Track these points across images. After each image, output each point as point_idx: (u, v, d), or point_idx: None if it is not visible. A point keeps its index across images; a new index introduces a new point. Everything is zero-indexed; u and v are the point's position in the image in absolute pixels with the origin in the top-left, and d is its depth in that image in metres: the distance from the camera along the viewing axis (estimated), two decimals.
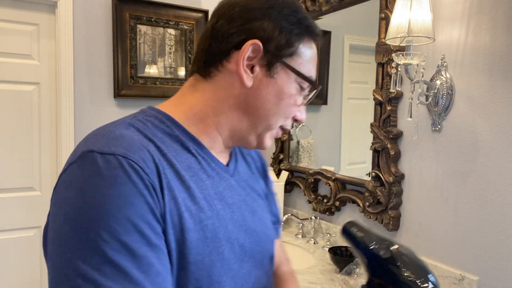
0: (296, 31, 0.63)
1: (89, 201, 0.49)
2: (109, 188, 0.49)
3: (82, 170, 0.51)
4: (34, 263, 2.15)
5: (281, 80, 0.63)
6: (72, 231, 0.49)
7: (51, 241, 0.51)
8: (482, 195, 1.22)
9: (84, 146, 0.54)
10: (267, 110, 0.64)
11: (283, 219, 1.88)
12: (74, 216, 0.49)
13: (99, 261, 0.47)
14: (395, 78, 1.36)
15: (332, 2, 1.75)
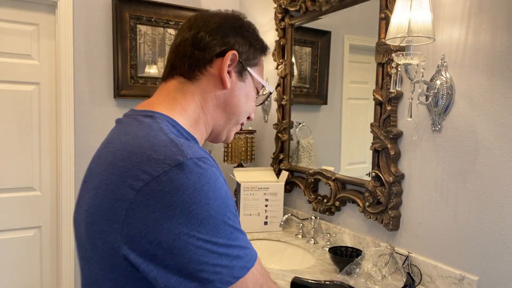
0: (259, 47, 0.81)
1: (209, 194, 0.61)
2: (216, 181, 0.63)
3: (189, 175, 0.60)
4: (34, 263, 2.16)
5: (249, 84, 0.80)
6: (201, 222, 0.60)
7: (170, 238, 0.58)
8: (482, 195, 1.22)
9: (168, 156, 0.61)
10: (239, 108, 0.80)
11: (283, 219, 1.87)
12: (199, 209, 0.60)
13: (229, 230, 0.63)
14: (395, 78, 1.36)
15: (332, 2, 1.75)
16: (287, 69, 2.11)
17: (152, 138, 0.65)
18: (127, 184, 0.61)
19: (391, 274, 1.38)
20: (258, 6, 2.45)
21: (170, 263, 0.59)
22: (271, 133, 2.32)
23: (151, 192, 0.59)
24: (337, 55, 1.86)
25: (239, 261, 0.63)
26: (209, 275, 0.60)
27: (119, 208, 0.60)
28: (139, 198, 0.59)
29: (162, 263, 0.59)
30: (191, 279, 0.60)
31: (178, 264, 0.59)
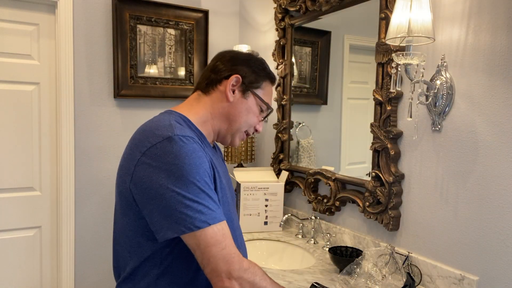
0: (262, 74, 1.08)
1: (184, 160, 0.87)
2: (193, 153, 0.89)
3: (173, 145, 0.88)
4: (34, 263, 2.16)
5: (250, 101, 1.06)
6: (177, 179, 0.86)
7: (155, 187, 0.86)
8: (482, 195, 1.22)
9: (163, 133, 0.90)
10: (240, 117, 1.05)
11: (283, 219, 1.87)
12: (176, 169, 0.86)
13: (197, 190, 0.87)
14: (395, 78, 1.36)
15: (332, 2, 1.75)
16: (287, 69, 2.11)
17: (159, 123, 0.94)
18: (138, 149, 0.91)
19: (391, 274, 1.38)
20: (258, 6, 2.45)
21: (154, 204, 0.87)
22: (271, 133, 2.32)
23: (149, 154, 0.89)
24: (337, 55, 1.86)
25: (201, 215, 0.86)
26: (176, 219, 0.85)
27: (131, 164, 0.91)
28: (142, 158, 0.89)
29: (149, 202, 0.88)
30: (164, 219, 0.86)
31: (158, 206, 0.87)
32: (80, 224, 2.19)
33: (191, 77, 2.47)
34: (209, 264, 0.87)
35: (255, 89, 1.06)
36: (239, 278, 0.88)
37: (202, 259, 0.87)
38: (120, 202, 0.96)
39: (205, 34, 2.48)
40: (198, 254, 0.87)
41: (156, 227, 0.88)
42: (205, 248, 0.86)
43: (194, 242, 0.87)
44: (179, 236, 0.86)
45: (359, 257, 1.44)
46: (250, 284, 0.90)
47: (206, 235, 0.86)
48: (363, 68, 1.70)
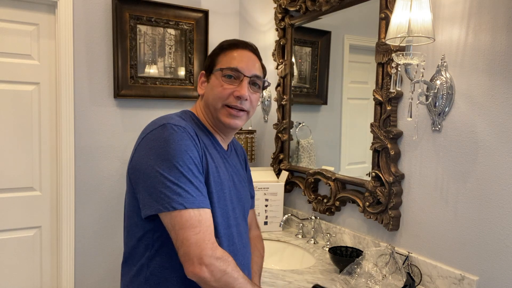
0: (214, 53, 1.11)
1: (171, 145, 0.93)
2: (181, 140, 0.95)
3: (165, 131, 0.95)
4: (34, 263, 2.16)
5: (212, 80, 1.08)
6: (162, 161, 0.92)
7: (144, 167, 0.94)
8: (482, 195, 1.22)
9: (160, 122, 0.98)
10: (209, 98, 1.07)
11: (283, 219, 1.87)
12: (163, 153, 0.93)
13: (178, 174, 0.92)
14: (395, 78, 1.36)
15: (332, 2, 1.75)
16: (287, 69, 2.11)
17: (166, 115, 1.03)
18: (140, 137, 1.01)
19: (392, 274, 1.38)
20: (258, 6, 2.45)
21: (142, 182, 0.94)
22: (271, 133, 2.32)
23: (146, 139, 0.98)
24: (337, 55, 1.86)
25: (178, 197, 0.90)
26: (156, 198, 0.91)
27: (135, 148, 1.01)
28: (141, 142, 0.99)
29: (139, 181, 0.96)
30: (147, 197, 0.93)
31: (144, 184, 0.94)
32: (80, 224, 2.19)
33: (191, 77, 2.47)
34: (182, 247, 0.89)
35: (213, 69, 1.08)
36: (210, 265, 0.88)
37: (176, 241, 0.90)
38: (126, 185, 1.05)
39: (205, 34, 2.48)
40: (173, 235, 0.91)
41: (141, 204, 0.95)
42: (179, 230, 0.89)
43: (169, 222, 0.91)
44: (157, 214, 0.92)
45: (359, 257, 1.44)
46: (221, 273, 0.90)
47: (181, 217, 0.89)
48: (363, 68, 1.70)
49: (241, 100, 1.04)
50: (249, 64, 1.06)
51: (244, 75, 1.04)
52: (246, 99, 1.04)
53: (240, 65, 1.05)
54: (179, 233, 0.89)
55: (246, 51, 1.09)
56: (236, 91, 1.03)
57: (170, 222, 0.90)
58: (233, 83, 1.04)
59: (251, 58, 1.08)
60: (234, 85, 1.04)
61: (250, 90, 1.06)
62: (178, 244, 0.90)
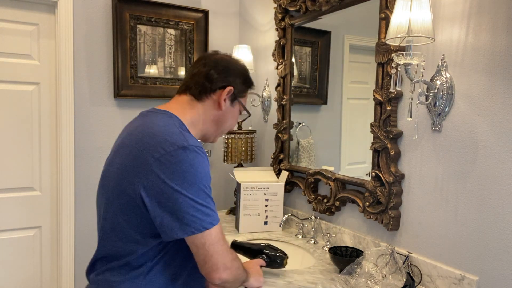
0: (248, 84, 1.20)
1: (197, 169, 0.96)
2: (203, 163, 0.98)
3: (188, 154, 0.96)
4: (34, 263, 2.16)
5: (236, 108, 1.18)
6: (189, 185, 0.95)
7: (169, 191, 0.94)
8: (482, 195, 1.22)
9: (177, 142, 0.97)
10: (226, 123, 1.18)
11: (283, 219, 1.87)
12: (190, 177, 0.95)
13: (205, 196, 0.97)
14: (395, 78, 1.36)
15: (332, 2, 1.75)
16: (287, 69, 2.11)
17: (168, 128, 1.01)
18: (149, 154, 0.96)
19: (392, 274, 1.38)
20: (258, 6, 2.45)
21: (167, 207, 0.94)
22: (271, 133, 2.32)
23: (164, 160, 0.95)
24: (337, 55, 1.86)
25: (208, 217, 0.97)
26: (188, 221, 0.95)
27: (142, 168, 0.96)
28: (156, 163, 0.95)
29: (162, 206, 0.95)
30: (177, 220, 0.95)
31: (171, 208, 0.94)
32: (80, 224, 2.19)
33: None
34: (211, 259, 0.97)
35: (241, 98, 1.18)
36: (232, 267, 1.02)
37: (205, 256, 0.97)
38: (119, 200, 1.01)
39: (205, 34, 2.48)
40: (202, 251, 0.97)
41: (165, 228, 0.96)
42: (209, 246, 0.97)
43: (200, 242, 0.97)
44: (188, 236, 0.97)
45: (360, 257, 1.44)
46: (237, 270, 1.05)
47: (211, 235, 0.97)
48: (363, 68, 1.70)
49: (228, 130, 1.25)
50: None
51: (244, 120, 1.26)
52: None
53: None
54: (209, 249, 0.97)
55: None
56: (234, 126, 1.25)
57: (200, 241, 0.97)
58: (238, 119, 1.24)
59: None
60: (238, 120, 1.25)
61: None
62: (207, 258, 0.97)
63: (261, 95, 2.36)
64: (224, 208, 2.57)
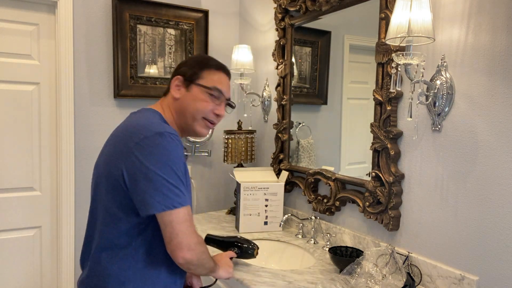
0: (198, 67, 1.23)
1: (171, 153, 1.07)
2: (177, 148, 1.08)
3: (163, 139, 1.06)
4: (34, 263, 2.16)
5: (195, 92, 1.21)
6: (163, 166, 1.05)
7: (145, 171, 1.04)
8: (482, 195, 1.22)
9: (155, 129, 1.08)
10: (189, 108, 1.21)
11: (283, 219, 1.87)
12: (164, 159, 1.05)
13: (176, 178, 1.06)
14: (395, 78, 1.36)
15: (332, 2, 1.75)
16: (287, 69, 2.11)
17: (149, 119, 1.14)
18: (131, 139, 1.08)
19: (392, 274, 1.38)
20: (258, 6, 2.45)
21: (143, 185, 1.04)
22: (271, 133, 2.32)
23: (143, 144, 1.06)
24: (337, 55, 1.86)
25: (178, 198, 1.05)
26: (159, 198, 1.04)
27: (125, 152, 1.08)
28: (136, 147, 1.06)
29: (139, 184, 1.05)
30: (150, 197, 1.04)
31: (146, 186, 1.04)
32: (80, 224, 2.19)
33: None
34: (176, 238, 1.05)
35: (196, 80, 1.21)
36: (196, 249, 1.09)
37: (171, 234, 1.05)
38: (107, 181, 1.11)
39: (205, 34, 2.48)
40: (168, 229, 1.06)
41: (143, 204, 1.05)
42: (176, 224, 1.05)
43: (168, 219, 1.05)
44: (158, 213, 1.05)
45: (360, 257, 1.44)
46: (201, 253, 1.12)
47: (178, 214, 1.06)
48: (363, 68, 1.70)
49: (219, 118, 1.25)
50: (228, 88, 1.28)
51: (225, 98, 1.26)
52: (222, 117, 1.26)
53: (224, 89, 1.24)
54: (176, 227, 1.05)
55: (227, 76, 1.29)
56: (217, 110, 1.23)
57: (169, 218, 1.05)
58: (214, 101, 1.22)
59: (229, 84, 1.29)
60: (215, 103, 1.23)
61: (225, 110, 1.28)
62: (173, 235, 1.05)
63: (261, 95, 2.36)
64: (224, 208, 2.57)
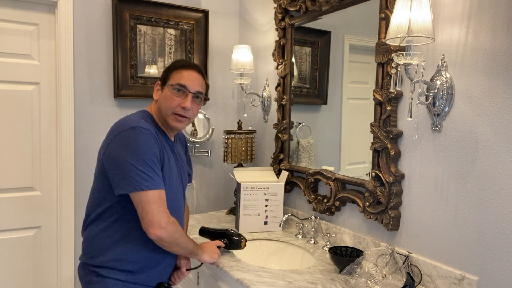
0: (166, 71, 1.42)
1: (140, 144, 1.25)
2: (147, 140, 1.26)
3: (135, 132, 1.26)
4: (35, 263, 2.16)
5: (165, 91, 1.39)
6: (133, 155, 1.23)
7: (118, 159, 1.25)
8: (482, 195, 1.22)
9: (130, 124, 1.28)
10: (162, 106, 1.39)
11: (283, 219, 1.87)
12: (134, 149, 1.24)
13: (145, 165, 1.24)
14: (395, 78, 1.36)
15: (332, 2, 1.75)
16: (287, 69, 2.11)
17: (132, 117, 1.35)
18: (112, 133, 1.30)
19: (392, 274, 1.38)
20: (258, 6, 2.45)
21: (116, 170, 1.25)
22: (271, 133, 2.32)
23: (119, 137, 1.27)
24: (337, 55, 1.86)
25: (146, 182, 1.23)
26: (128, 181, 1.23)
27: (106, 143, 1.31)
28: (114, 139, 1.28)
29: (113, 169, 1.26)
30: (121, 180, 1.24)
31: (119, 171, 1.24)
32: (80, 224, 2.18)
33: None
34: (147, 216, 1.23)
35: (167, 82, 1.39)
36: (166, 227, 1.25)
37: (142, 212, 1.23)
38: (97, 168, 1.35)
39: (205, 34, 2.48)
40: (140, 208, 1.24)
41: (115, 186, 1.26)
42: (145, 204, 1.23)
43: (138, 199, 1.24)
44: (128, 193, 1.24)
45: (360, 257, 1.44)
46: (172, 232, 1.27)
47: (147, 195, 1.23)
48: (363, 68, 1.70)
49: (185, 110, 1.37)
50: (194, 82, 1.38)
51: (189, 91, 1.37)
52: (189, 109, 1.37)
53: (187, 83, 1.37)
54: (145, 207, 1.23)
55: (194, 71, 1.40)
56: (182, 103, 1.36)
57: (138, 199, 1.23)
58: (180, 96, 1.37)
59: (196, 77, 1.40)
60: (181, 98, 1.37)
61: (193, 103, 1.39)
62: (144, 214, 1.23)
63: (261, 95, 2.36)
64: (224, 208, 2.57)
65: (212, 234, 1.69)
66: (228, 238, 1.64)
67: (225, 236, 1.65)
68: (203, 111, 2.54)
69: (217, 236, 1.67)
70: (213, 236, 1.68)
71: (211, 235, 1.69)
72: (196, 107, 1.41)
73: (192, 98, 1.38)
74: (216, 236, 1.67)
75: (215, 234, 1.68)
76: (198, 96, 1.40)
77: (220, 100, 2.65)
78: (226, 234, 1.66)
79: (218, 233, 1.68)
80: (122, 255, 1.32)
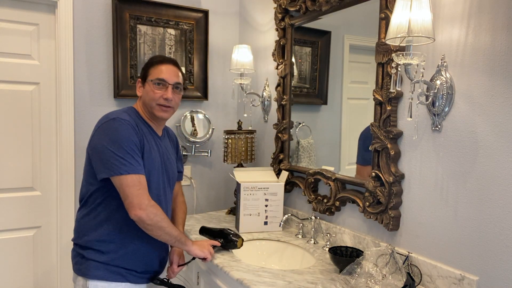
0: (144, 68, 1.55)
1: (119, 132, 1.38)
2: (126, 129, 1.39)
3: (115, 122, 1.39)
4: (35, 263, 2.16)
5: (146, 87, 1.52)
6: (113, 143, 1.36)
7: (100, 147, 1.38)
8: (482, 195, 1.22)
9: (112, 116, 1.42)
10: (145, 100, 1.52)
11: (283, 219, 1.87)
12: (114, 137, 1.37)
13: (124, 152, 1.36)
14: (395, 78, 1.36)
15: (332, 2, 1.75)
16: (287, 69, 2.11)
17: (114, 111, 1.48)
18: (97, 125, 1.44)
19: (392, 274, 1.38)
20: (258, 6, 2.45)
21: (97, 156, 1.39)
22: (271, 133, 2.32)
23: (101, 127, 1.41)
24: (337, 55, 1.86)
25: (124, 167, 1.35)
26: (108, 166, 1.35)
27: (92, 134, 1.45)
28: (98, 130, 1.42)
29: (95, 156, 1.41)
30: (102, 166, 1.37)
31: (99, 157, 1.38)
32: None
33: (191, 77, 2.47)
34: (127, 198, 1.35)
35: (147, 78, 1.51)
36: (146, 209, 1.35)
37: (123, 195, 1.35)
38: (85, 158, 1.49)
39: (205, 34, 2.48)
40: (121, 191, 1.36)
41: (97, 171, 1.39)
42: (125, 187, 1.34)
43: (119, 183, 1.35)
44: (109, 177, 1.36)
45: (360, 257, 1.44)
46: (153, 215, 1.37)
47: (127, 179, 1.35)
48: (363, 68, 1.70)
49: (168, 100, 1.49)
50: (171, 75, 1.51)
51: (168, 83, 1.50)
52: (171, 99, 1.50)
53: (166, 76, 1.49)
54: (125, 190, 1.34)
55: (170, 65, 1.53)
56: (164, 95, 1.49)
57: (119, 182, 1.35)
58: (161, 89, 1.49)
59: (173, 70, 1.52)
60: (162, 90, 1.49)
61: (174, 93, 1.51)
62: (125, 196, 1.35)
63: (261, 95, 2.36)
64: (224, 208, 2.57)
65: (211, 232, 1.74)
66: (224, 237, 1.69)
67: (221, 235, 1.70)
68: (203, 111, 2.54)
69: (216, 235, 1.71)
70: (212, 234, 1.73)
71: (210, 233, 1.74)
72: (177, 97, 1.53)
73: (172, 89, 1.50)
74: (215, 235, 1.72)
75: (214, 233, 1.73)
76: (177, 86, 1.53)
77: (220, 100, 2.65)
78: (223, 233, 1.70)
79: (217, 232, 1.72)
80: (104, 236, 1.43)
